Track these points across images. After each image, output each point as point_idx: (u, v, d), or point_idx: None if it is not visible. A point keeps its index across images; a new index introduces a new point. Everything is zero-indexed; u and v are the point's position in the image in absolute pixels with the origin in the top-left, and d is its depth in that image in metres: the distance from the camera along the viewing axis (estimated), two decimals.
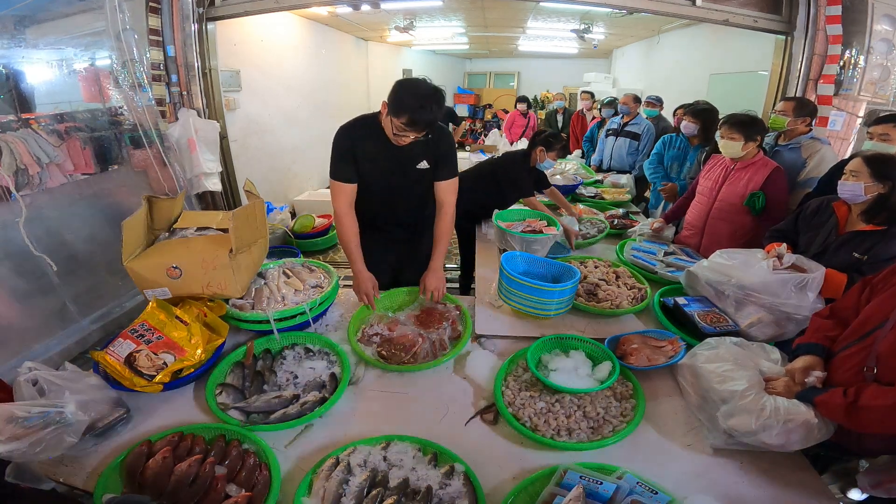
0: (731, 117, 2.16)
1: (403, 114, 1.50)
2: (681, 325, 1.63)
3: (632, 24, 5.93)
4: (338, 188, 1.73)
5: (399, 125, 1.53)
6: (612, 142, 4.23)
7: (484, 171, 2.76)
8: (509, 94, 10.92)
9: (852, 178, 1.56)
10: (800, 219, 1.79)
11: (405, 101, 1.50)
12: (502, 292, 1.67)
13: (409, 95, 1.51)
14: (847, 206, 1.63)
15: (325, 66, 6.13)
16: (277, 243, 4.17)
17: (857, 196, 1.55)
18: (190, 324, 1.39)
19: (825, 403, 1.10)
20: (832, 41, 3.09)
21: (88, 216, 2.71)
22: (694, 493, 1.04)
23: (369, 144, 1.69)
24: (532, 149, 2.64)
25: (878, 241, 1.52)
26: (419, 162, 1.75)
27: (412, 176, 1.78)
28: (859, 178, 1.54)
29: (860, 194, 1.54)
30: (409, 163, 1.74)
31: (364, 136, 1.69)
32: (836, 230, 1.64)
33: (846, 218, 1.64)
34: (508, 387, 1.36)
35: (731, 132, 2.11)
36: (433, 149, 1.73)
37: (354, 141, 1.69)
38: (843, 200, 1.63)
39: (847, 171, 1.58)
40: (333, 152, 1.71)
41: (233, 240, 1.48)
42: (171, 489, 1.01)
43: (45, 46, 2.62)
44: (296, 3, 3.59)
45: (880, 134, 1.96)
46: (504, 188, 2.65)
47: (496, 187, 2.66)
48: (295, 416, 1.22)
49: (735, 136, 2.09)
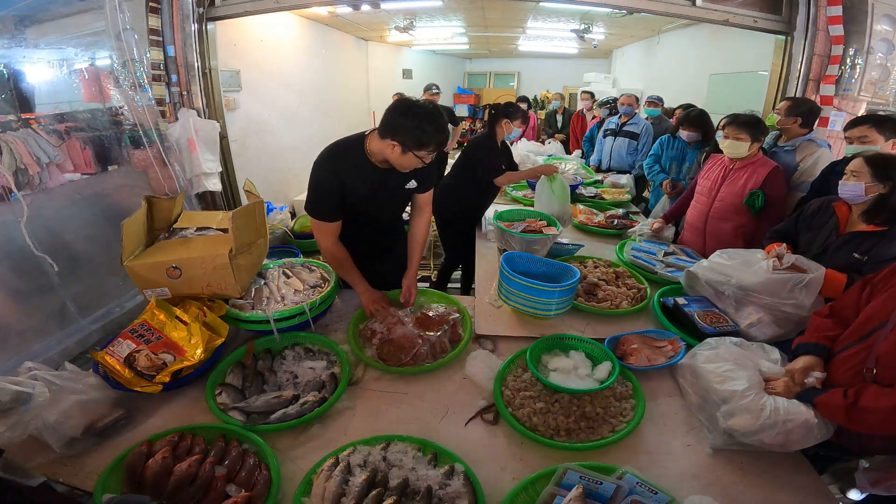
0: (736, 118, 2.14)
1: (429, 143, 1.46)
2: (681, 325, 1.63)
3: (632, 24, 5.92)
4: (323, 228, 1.64)
5: (426, 153, 1.49)
6: (612, 142, 4.23)
7: (460, 165, 2.82)
8: (509, 94, 10.92)
9: (853, 179, 1.54)
10: (800, 219, 1.78)
11: (426, 131, 1.43)
12: (502, 292, 1.67)
13: (429, 125, 1.43)
14: (848, 206, 1.62)
15: (325, 66, 6.13)
16: (277, 243, 4.16)
17: (858, 196, 1.54)
18: (190, 324, 1.39)
19: (825, 404, 1.10)
20: (834, 41, 3.08)
21: (88, 216, 2.71)
22: (694, 493, 1.04)
23: (357, 178, 1.59)
24: (495, 125, 2.70)
25: (879, 242, 1.52)
26: (408, 182, 1.70)
27: (401, 196, 1.76)
28: (860, 178, 1.53)
29: (861, 194, 1.53)
30: (399, 185, 1.69)
31: (352, 170, 1.58)
32: (837, 230, 1.63)
33: (847, 218, 1.64)
34: (508, 387, 1.36)
35: (738, 132, 2.10)
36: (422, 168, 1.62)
37: (341, 177, 1.57)
38: (843, 200, 1.62)
39: (848, 172, 1.57)
40: (317, 189, 1.60)
41: (233, 240, 1.48)
42: (171, 489, 1.01)
43: (45, 46, 2.62)
44: (296, 3, 3.59)
45: (859, 137, 1.94)
46: (478, 174, 2.69)
47: (472, 174, 2.70)
48: (295, 416, 1.22)
49: (742, 136, 2.09)
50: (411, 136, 1.44)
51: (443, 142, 1.51)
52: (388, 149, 1.49)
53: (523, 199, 3.19)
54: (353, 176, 1.58)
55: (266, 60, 4.80)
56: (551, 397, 1.31)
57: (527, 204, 3.09)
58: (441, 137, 1.48)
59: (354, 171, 1.58)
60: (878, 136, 1.90)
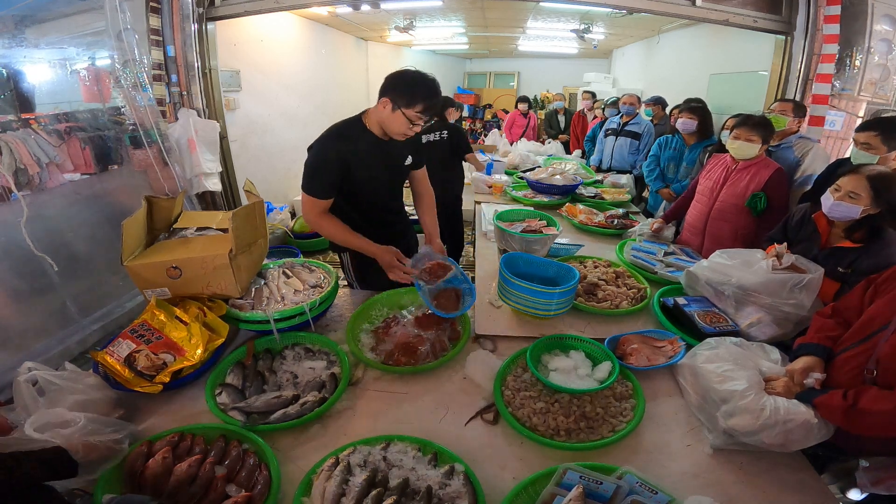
0: (748, 119, 2.12)
1: (418, 102, 1.53)
2: (681, 325, 1.63)
3: (632, 24, 5.92)
4: (311, 203, 1.66)
5: (415, 115, 1.55)
6: (612, 142, 4.23)
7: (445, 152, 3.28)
8: (509, 94, 10.92)
9: (849, 200, 1.48)
10: (787, 227, 1.78)
11: (417, 89, 1.54)
12: (502, 292, 1.67)
13: (420, 85, 1.54)
14: (827, 219, 1.60)
15: (324, 66, 6.13)
16: (277, 243, 4.17)
17: (850, 217, 1.50)
18: (190, 324, 1.39)
19: (824, 405, 1.10)
20: (826, 40, 3.09)
21: (88, 216, 2.71)
22: (694, 493, 1.04)
23: (362, 152, 1.66)
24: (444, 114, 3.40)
25: (859, 257, 1.51)
26: (406, 158, 1.79)
27: (403, 172, 1.84)
28: (858, 201, 1.47)
29: (854, 217, 1.49)
30: (399, 160, 1.78)
31: (355, 146, 1.65)
32: (819, 244, 1.63)
33: (828, 231, 1.62)
34: (508, 387, 1.36)
35: (750, 133, 2.08)
36: (413, 142, 1.78)
37: (344, 154, 1.62)
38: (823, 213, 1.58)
39: (843, 189, 1.50)
40: (315, 166, 1.63)
41: (233, 240, 1.48)
42: (171, 489, 1.01)
43: (45, 46, 2.62)
44: (296, 3, 3.59)
45: (863, 143, 1.88)
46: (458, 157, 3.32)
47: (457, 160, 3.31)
48: (295, 416, 1.22)
49: (754, 137, 2.07)
50: (402, 93, 1.54)
51: (430, 108, 1.56)
52: (380, 108, 1.58)
53: (523, 199, 3.19)
54: (356, 149, 1.65)
55: (266, 60, 4.80)
56: (551, 397, 1.31)
57: (527, 204, 3.09)
58: (429, 102, 1.55)
59: (358, 146, 1.65)
60: (883, 145, 1.84)
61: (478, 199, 3.38)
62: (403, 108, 1.55)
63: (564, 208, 2.98)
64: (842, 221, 1.55)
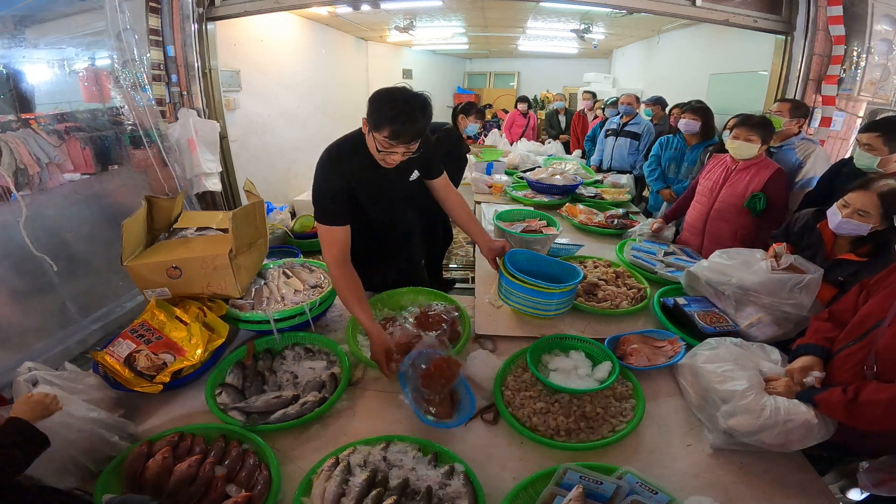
0: (747, 119, 2.12)
1: (384, 126, 1.31)
2: (681, 325, 1.63)
3: (632, 24, 5.92)
4: (331, 235, 1.46)
5: (382, 140, 1.34)
6: (613, 142, 4.23)
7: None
8: (509, 94, 10.92)
9: (858, 218, 1.45)
10: (790, 231, 1.77)
11: (383, 111, 1.32)
12: (502, 292, 1.67)
13: (386, 105, 1.32)
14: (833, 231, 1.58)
15: (324, 66, 6.13)
16: (277, 243, 4.16)
17: (858, 234, 1.47)
18: (190, 324, 1.39)
19: (825, 401, 1.10)
20: (836, 41, 3.08)
21: (88, 216, 2.71)
22: (694, 493, 1.04)
23: (364, 173, 1.50)
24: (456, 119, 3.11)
25: (862, 269, 1.49)
26: (411, 173, 1.62)
27: (407, 190, 1.67)
28: (868, 219, 1.43)
29: (862, 234, 1.47)
30: (402, 178, 1.61)
31: (357, 166, 1.50)
32: (824, 254, 1.62)
33: (832, 242, 1.61)
34: (508, 387, 1.36)
35: (749, 133, 2.07)
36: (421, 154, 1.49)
37: (347, 178, 1.49)
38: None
39: (852, 206, 1.46)
40: (323, 192, 1.47)
41: (233, 240, 1.48)
42: (171, 489, 1.01)
43: (45, 46, 2.62)
44: (296, 3, 3.59)
45: (865, 144, 1.85)
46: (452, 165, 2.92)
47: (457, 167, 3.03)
48: (295, 416, 1.22)
49: (753, 137, 2.07)
50: (370, 113, 1.35)
51: (400, 134, 1.32)
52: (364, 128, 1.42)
53: (523, 199, 3.19)
54: (360, 173, 1.50)
55: (266, 60, 4.80)
56: (551, 397, 1.31)
57: (527, 204, 3.09)
58: (398, 127, 1.30)
59: (360, 166, 1.50)
60: (884, 147, 1.81)
61: (478, 199, 3.38)
62: (373, 132, 1.35)
63: (564, 208, 2.97)
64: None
